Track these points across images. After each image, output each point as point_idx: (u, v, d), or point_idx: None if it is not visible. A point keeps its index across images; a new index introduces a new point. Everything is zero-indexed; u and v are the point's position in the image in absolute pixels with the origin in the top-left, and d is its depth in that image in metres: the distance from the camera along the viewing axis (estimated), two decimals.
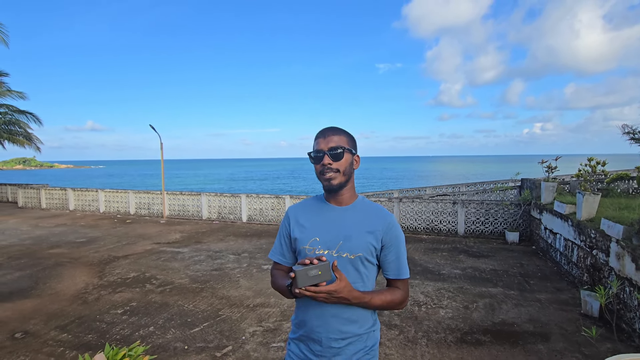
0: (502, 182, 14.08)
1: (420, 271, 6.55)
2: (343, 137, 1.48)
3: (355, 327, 1.45)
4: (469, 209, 9.66)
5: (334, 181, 1.45)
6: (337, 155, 1.44)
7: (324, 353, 1.45)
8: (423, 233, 9.92)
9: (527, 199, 9.07)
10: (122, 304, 5.05)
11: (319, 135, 1.48)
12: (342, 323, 1.44)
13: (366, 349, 1.48)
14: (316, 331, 1.45)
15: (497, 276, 6.25)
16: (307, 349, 1.49)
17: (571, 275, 5.97)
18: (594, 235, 5.12)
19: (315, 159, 1.46)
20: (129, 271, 6.57)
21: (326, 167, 1.44)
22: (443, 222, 9.85)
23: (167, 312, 4.77)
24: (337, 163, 1.44)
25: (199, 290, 5.58)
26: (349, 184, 1.50)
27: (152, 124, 12.51)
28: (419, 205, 10.08)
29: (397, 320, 4.49)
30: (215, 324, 4.43)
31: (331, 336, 1.44)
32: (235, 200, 12.02)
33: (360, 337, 1.47)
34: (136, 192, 13.56)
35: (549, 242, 7.30)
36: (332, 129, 1.48)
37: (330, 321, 1.44)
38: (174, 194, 12.93)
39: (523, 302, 5.06)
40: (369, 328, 1.50)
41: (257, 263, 7.06)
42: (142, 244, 8.69)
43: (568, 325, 4.35)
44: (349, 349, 1.45)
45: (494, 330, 4.26)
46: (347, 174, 1.47)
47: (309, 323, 1.47)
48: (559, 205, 6.68)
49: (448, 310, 4.83)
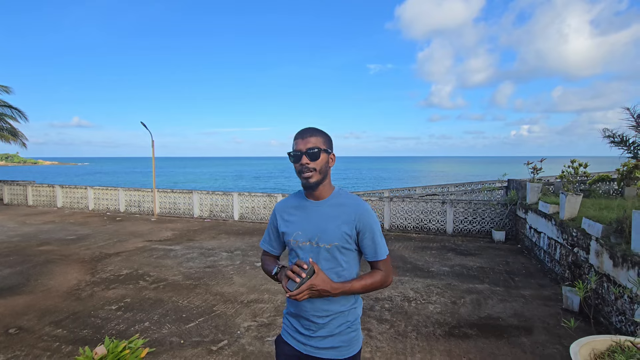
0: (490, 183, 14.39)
1: (410, 268, 6.72)
2: (320, 137, 1.62)
3: (338, 305, 1.65)
4: (457, 208, 9.89)
5: (311, 179, 1.60)
6: (314, 155, 1.59)
7: (310, 327, 1.67)
8: (413, 232, 10.12)
9: (513, 199, 9.33)
10: (116, 300, 5.09)
11: (297, 136, 1.63)
12: (325, 303, 1.63)
13: (348, 323, 1.68)
14: (303, 309, 1.66)
15: (483, 273, 6.45)
16: (298, 323, 1.70)
17: (554, 273, 6.21)
18: (575, 234, 5.35)
19: (294, 158, 1.61)
20: (122, 268, 6.58)
21: (304, 167, 1.58)
22: (432, 221, 10.06)
23: (161, 308, 4.82)
24: (314, 162, 1.59)
25: (193, 287, 5.64)
26: (325, 181, 1.66)
27: (143, 121, 12.45)
28: (409, 204, 10.27)
29: (387, 315, 4.64)
30: (210, 319, 4.51)
31: (315, 313, 1.63)
32: (227, 198, 12.05)
33: (342, 314, 1.66)
34: (126, 190, 13.47)
35: (534, 240, 7.55)
36: (309, 130, 1.63)
37: (314, 300, 1.63)
38: (165, 191, 12.89)
39: (508, 298, 5.26)
40: (351, 305, 1.69)
41: (250, 260, 7.14)
42: (133, 242, 8.68)
43: (550, 319, 4.56)
44: (333, 324, 1.65)
45: (480, 324, 4.44)
46: (323, 172, 1.62)
47: (299, 302, 1.66)
48: (543, 205, 6.92)
49: (437, 305, 5.00)
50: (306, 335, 1.67)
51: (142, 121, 12.41)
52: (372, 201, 10.60)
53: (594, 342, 1.91)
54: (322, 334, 1.64)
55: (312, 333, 1.65)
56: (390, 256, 7.46)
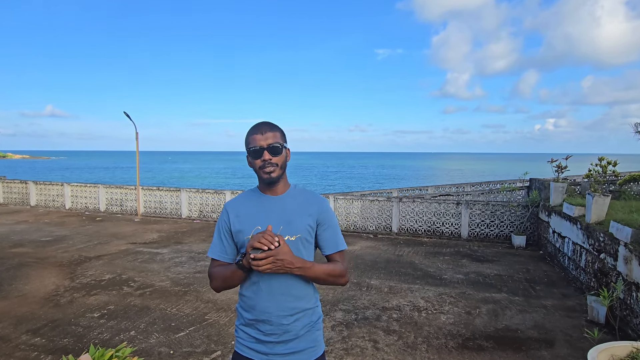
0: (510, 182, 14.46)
1: (421, 275, 6.81)
2: (277, 133, 1.76)
3: (302, 302, 1.75)
4: (473, 210, 9.97)
5: (273, 174, 1.73)
6: (276, 151, 1.72)
7: (274, 331, 1.71)
8: (424, 236, 10.20)
9: (535, 201, 9.41)
10: (98, 307, 5.18)
11: (254, 131, 1.75)
12: (290, 300, 1.72)
13: (312, 323, 1.78)
14: (266, 312, 1.71)
15: (501, 281, 6.54)
16: (257, 331, 1.74)
17: (579, 281, 6.29)
18: (602, 238, 5.43)
19: (254, 154, 1.74)
20: (104, 273, 6.68)
21: (267, 162, 1.71)
22: (445, 224, 10.14)
23: (148, 316, 4.92)
24: (277, 158, 1.73)
25: (182, 294, 5.74)
26: (284, 175, 1.81)
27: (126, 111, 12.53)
28: (419, 205, 10.35)
29: (395, 326, 4.73)
30: (202, 328, 4.60)
31: (281, 313, 1.71)
32: (218, 197, 12.14)
33: (306, 312, 1.76)
34: (107, 187, 13.57)
35: (557, 246, 7.63)
36: (267, 125, 1.77)
37: (279, 299, 1.71)
38: (150, 189, 12.99)
39: (528, 308, 5.35)
40: (314, 304, 1.81)
41: None
42: (115, 244, 8.78)
43: (573, 331, 4.64)
44: (297, 325, 1.73)
45: (497, 336, 4.53)
46: (283, 167, 1.78)
47: (259, 305, 1.72)
48: (568, 207, 7.00)
49: (449, 315, 5.09)
50: (269, 343, 1.71)
51: (125, 111, 12.50)
52: (379, 201, 10.69)
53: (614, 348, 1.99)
54: (287, 337, 1.70)
55: (276, 338, 1.70)
56: (400, 262, 7.63)
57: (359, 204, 10.79)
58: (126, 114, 12.57)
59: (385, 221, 10.59)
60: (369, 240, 9.81)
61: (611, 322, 4.66)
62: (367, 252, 8.52)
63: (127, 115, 12.59)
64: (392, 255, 8.31)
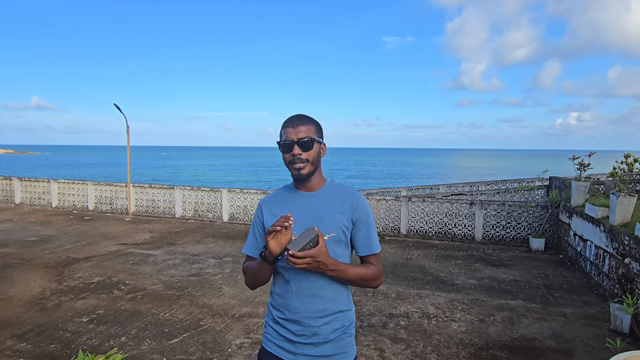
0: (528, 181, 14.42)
1: (431, 280, 6.84)
2: (311, 126, 1.78)
3: (333, 305, 1.77)
4: (488, 211, 9.97)
5: (303, 170, 1.76)
6: (306, 146, 1.75)
7: (303, 332, 1.75)
8: (435, 238, 10.22)
9: (555, 201, 9.39)
10: (87, 312, 5.25)
11: (286, 124, 1.79)
12: (320, 302, 1.75)
13: (344, 328, 1.81)
14: (295, 312, 1.75)
15: (518, 287, 6.56)
16: (286, 330, 1.79)
17: (601, 288, 6.29)
18: (627, 241, 5.43)
19: (284, 148, 1.76)
20: (93, 275, 6.75)
21: (296, 157, 1.74)
22: (458, 226, 10.15)
23: (140, 321, 4.98)
24: (307, 153, 1.75)
25: (176, 298, 5.79)
26: (317, 172, 1.83)
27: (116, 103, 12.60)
28: (430, 205, 10.36)
29: (403, 334, 4.76)
30: (197, 334, 4.65)
31: (310, 315, 1.74)
32: (214, 195, 12.21)
33: (337, 316, 1.78)
34: (96, 184, 13.67)
35: (579, 250, 7.62)
36: (300, 118, 1.79)
37: (309, 301, 1.74)
38: (142, 186, 13.08)
39: (546, 316, 5.37)
40: (346, 307, 1.83)
41: (241, 268, 7.27)
42: (105, 245, 8.86)
43: (594, 341, 4.66)
44: (327, 328, 1.76)
45: (512, 345, 4.55)
46: (315, 163, 1.79)
47: (288, 305, 1.77)
48: (591, 208, 6.99)
49: (461, 323, 5.12)
50: (297, 343, 1.76)
51: (116, 103, 12.57)
52: (386, 200, 10.71)
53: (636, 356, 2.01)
54: (316, 340, 1.75)
55: (305, 339, 1.75)
56: (409, 266, 7.66)
57: None
58: (116, 105, 12.64)
59: (393, 222, 10.61)
60: None
61: (636, 332, 4.66)
62: None
63: (118, 107, 12.66)
64: (400, 258, 8.34)
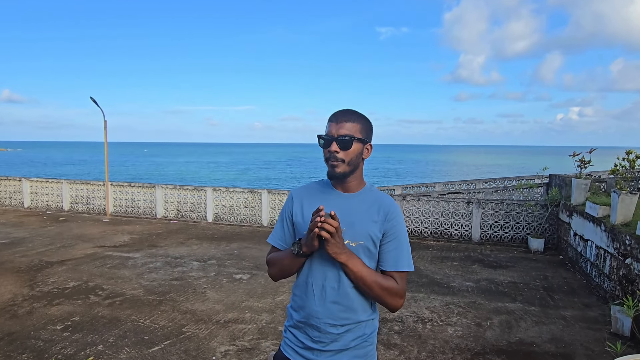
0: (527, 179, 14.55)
1: (426, 283, 6.86)
2: (357, 124, 1.75)
3: (355, 314, 1.76)
4: (486, 210, 10.04)
5: (337, 169, 1.74)
6: (345, 144, 1.72)
7: (322, 339, 1.75)
8: (430, 238, 10.27)
9: (555, 199, 9.49)
10: (61, 319, 5.18)
11: (332, 118, 1.77)
12: (342, 310, 1.74)
13: (365, 336, 1.79)
14: (315, 317, 1.75)
15: (516, 290, 6.61)
16: (305, 335, 1.79)
17: (602, 289, 6.37)
18: (629, 241, 5.49)
19: (323, 143, 1.76)
20: (68, 280, 6.67)
21: (332, 155, 1.72)
22: (455, 226, 10.21)
23: (118, 329, 4.92)
24: (344, 152, 1.72)
25: (157, 303, 5.74)
26: (355, 173, 1.80)
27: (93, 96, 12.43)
28: (426, 204, 10.41)
29: (397, 339, 4.77)
30: (179, 342, 4.61)
31: (330, 322, 1.74)
32: (198, 194, 12.13)
33: (359, 325, 1.77)
34: (72, 183, 13.52)
35: (579, 250, 7.71)
36: (346, 114, 1.77)
37: (330, 307, 1.73)
38: (121, 185, 12.95)
39: (545, 320, 5.42)
40: (369, 316, 1.81)
41: (227, 272, 7.24)
42: (81, 247, 8.77)
43: (595, 345, 4.72)
44: (348, 336, 1.75)
45: (510, 350, 4.59)
46: (352, 164, 1.75)
47: (308, 308, 1.77)
48: (591, 207, 7.06)
49: (457, 327, 5.14)
50: (316, 350, 1.77)
51: (92, 96, 12.40)
52: None
53: None
54: (335, 347, 1.75)
55: (324, 346, 1.75)
56: None
57: None
58: (93, 99, 12.48)
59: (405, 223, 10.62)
60: None
61: (637, 335, 4.72)
62: None
63: (94, 100, 12.50)
64: None
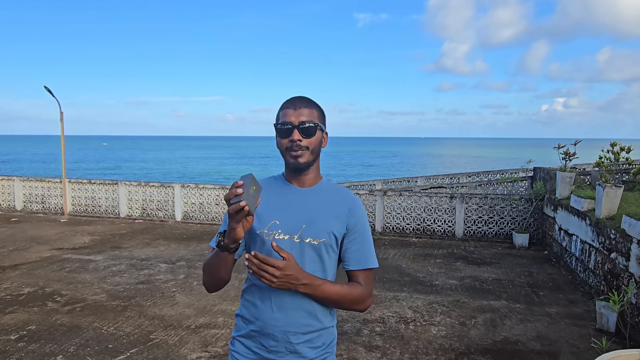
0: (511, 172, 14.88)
1: (409, 282, 6.97)
2: (315, 110, 1.73)
3: (316, 321, 1.72)
4: (469, 205, 10.24)
5: (301, 159, 1.69)
6: (308, 131, 1.69)
7: (278, 348, 1.70)
8: (412, 235, 10.41)
9: (539, 193, 9.74)
10: (15, 328, 5.06)
11: (287, 105, 1.72)
12: (303, 316, 1.69)
13: (324, 347, 1.76)
14: (272, 325, 1.69)
15: (500, 287, 6.78)
16: (259, 345, 1.73)
17: (587, 285, 6.59)
18: (613, 235, 5.70)
19: (282, 132, 1.70)
20: (22, 285, 6.52)
21: (295, 144, 1.67)
22: (437, 222, 10.37)
23: (79, 337, 4.84)
24: (308, 140, 1.69)
25: (122, 309, 5.67)
26: (315, 163, 1.78)
27: (47, 85, 12.08)
28: (408, 199, 10.54)
29: (378, 341, 4.83)
30: (146, 349, 4.57)
31: (290, 329, 1.68)
32: (165, 191, 11.97)
33: (320, 333, 1.74)
34: (24, 180, 13.16)
35: (564, 245, 7.95)
36: (303, 100, 1.74)
37: (290, 314, 1.68)
38: (80, 182, 12.68)
39: (530, 317, 5.58)
40: (329, 323, 1.78)
41: (197, 273, 7.18)
42: (36, 250, 8.57)
43: (580, 342, 4.89)
44: (306, 346, 1.72)
45: (495, 349, 4.71)
46: (315, 152, 1.74)
47: (263, 316, 1.70)
48: (576, 201, 7.29)
49: (441, 327, 5.25)
50: None
51: (46, 85, 12.05)
52: (360, 195, 10.80)
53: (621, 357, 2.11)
54: (292, 358, 1.70)
55: (280, 357, 1.70)
56: (385, 266, 7.76)
57: None
58: (47, 88, 12.13)
59: (368, 219, 10.68)
60: None
61: (622, 331, 4.91)
62: None
63: (49, 90, 12.15)
64: None
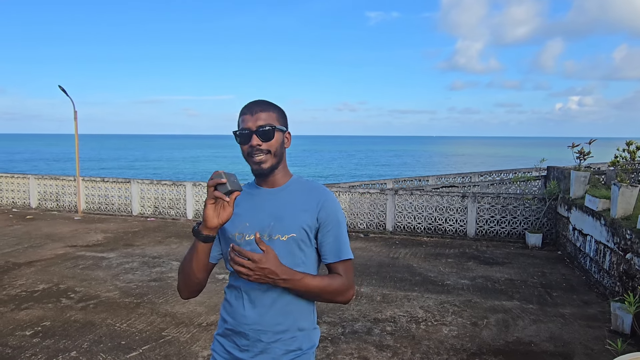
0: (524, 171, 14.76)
1: (420, 281, 6.95)
2: (272, 113, 1.73)
3: (291, 320, 1.69)
4: (481, 204, 10.17)
5: (264, 164, 1.70)
6: (267, 135, 1.68)
7: (249, 347, 1.69)
8: (423, 234, 10.37)
9: (553, 193, 9.64)
10: (30, 324, 5.14)
11: (244, 111, 1.73)
12: (276, 314, 1.68)
13: (300, 352, 1.71)
14: (243, 323, 1.69)
15: (513, 287, 6.73)
16: (232, 344, 1.73)
17: (602, 286, 6.51)
18: (629, 236, 5.62)
19: (241, 138, 1.70)
20: (37, 282, 6.61)
21: (255, 148, 1.68)
22: (449, 221, 10.32)
23: (92, 334, 4.90)
24: (267, 144, 1.69)
25: (134, 306, 5.73)
26: (280, 165, 1.77)
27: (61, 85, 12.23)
28: (419, 199, 10.49)
29: (389, 340, 4.83)
30: (159, 346, 4.61)
31: (261, 327, 1.67)
32: (177, 190, 12.07)
33: (295, 336, 1.70)
34: (40, 178, 13.35)
35: (578, 245, 7.86)
36: (259, 104, 1.74)
37: (263, 312, 1.68)
38: (94, 180, 12.82)
39: (543, 318, 5.54)
40: (309, 325, 1.74)
41: None
42: (51, 247, 8.68)
43: (594, 343, 4.83)
44: (278, 347, 1.68)
45: (507, 350, 4.68)
46: (278, 154, 1.73)
47: (237, 313, 1.71)
48: (591, 200, 7.20)
49: (452, 327, 5.23)
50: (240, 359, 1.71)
51: (61, 85, 12.20)
52: (371, 194, 10.79)
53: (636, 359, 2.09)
54: (263, 359, 1.67)
55: (250, 356, 1.68)
56: (396, 266, 7.75)
57: (347, 198, 10.87)
58: (61, 88, 12.28)
59: (378, 218, 10.71)
60: (359, 240, 9.91)
61: (637, 332, 4.85)
62: (357, 254, 8.62)
63: (63, 89, 12.30)
64: (386, 257, 8.43)
